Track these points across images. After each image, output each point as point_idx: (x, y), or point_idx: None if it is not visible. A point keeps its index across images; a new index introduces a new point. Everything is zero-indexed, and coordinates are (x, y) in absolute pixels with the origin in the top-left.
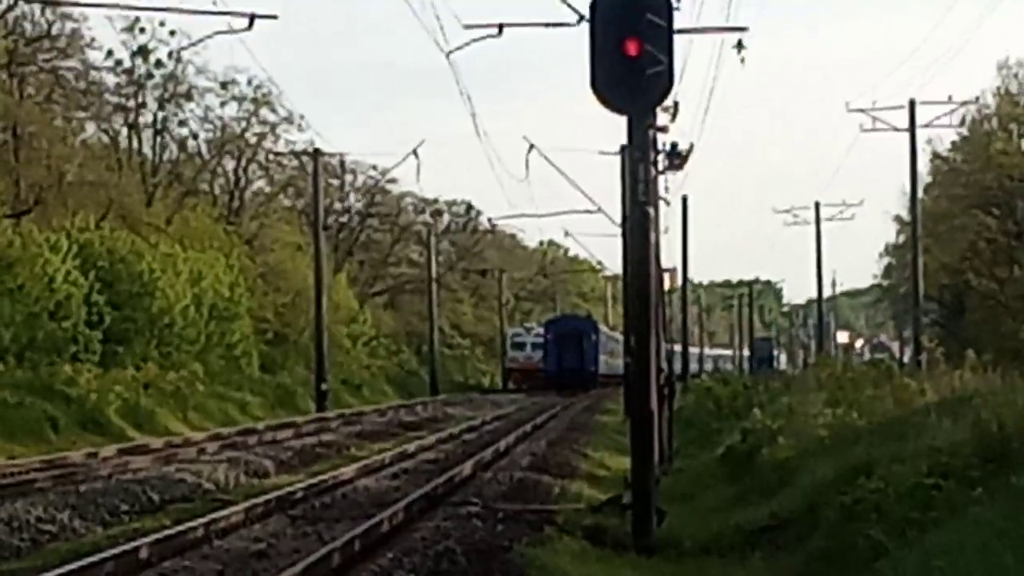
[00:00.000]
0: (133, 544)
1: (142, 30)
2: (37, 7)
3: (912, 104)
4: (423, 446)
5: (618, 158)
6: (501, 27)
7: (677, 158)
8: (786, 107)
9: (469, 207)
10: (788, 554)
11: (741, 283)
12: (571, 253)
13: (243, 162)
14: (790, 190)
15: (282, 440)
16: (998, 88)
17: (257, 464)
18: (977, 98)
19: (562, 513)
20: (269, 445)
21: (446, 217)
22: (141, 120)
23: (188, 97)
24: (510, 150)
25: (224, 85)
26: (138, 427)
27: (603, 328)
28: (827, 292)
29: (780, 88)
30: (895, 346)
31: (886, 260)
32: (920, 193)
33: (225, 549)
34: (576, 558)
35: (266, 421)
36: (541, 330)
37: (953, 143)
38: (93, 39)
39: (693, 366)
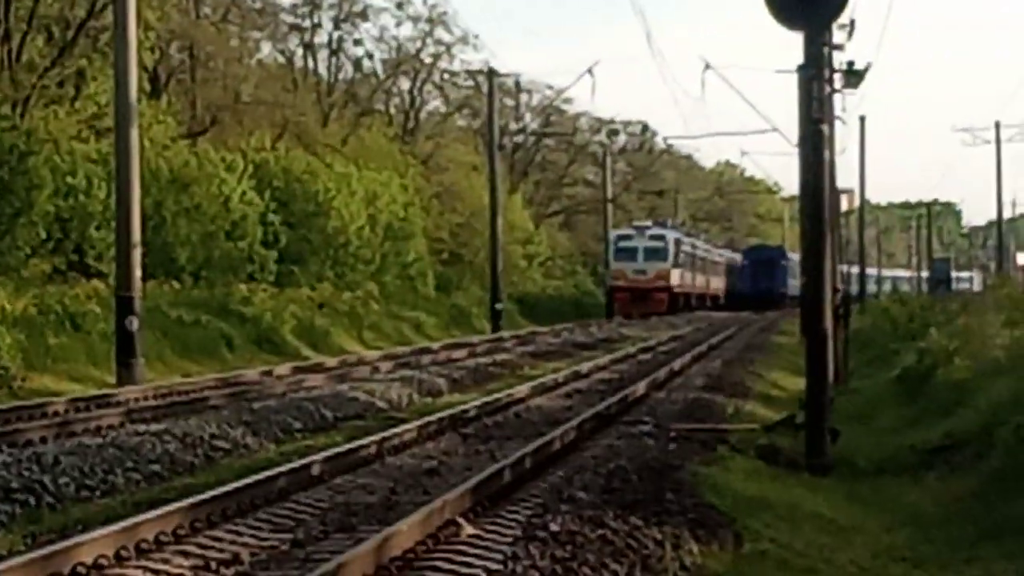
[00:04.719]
0: (305, 460)
1: None
2: None
3: None
4: (597, 366)
5: (795, 77)
6: None
7: (853, 76)
8: (967, 25)
9: (645, 127)
10: (963, 474)
11: (920, 204)
12: (747, 174)
13: (418, 82)
14: (970, 110)
15: (456, 359)
16: None
17: (430, 383)
18: None
19: (735, 433)
20: (443, 364)
21: (622, 137)
22: (316, 40)
23: (363, 17)
24: (685, 69)
25: (399, 5)
26: (313, 346)
27: (791, 255)
28: (1008, 213)
29: (961, 6)
30: None
31: None
32: None
33: (397, 466)
34: (749, 477)
35: (441, 340)
36: (657, 230)
37: None
38: None
39: (870, 287)
